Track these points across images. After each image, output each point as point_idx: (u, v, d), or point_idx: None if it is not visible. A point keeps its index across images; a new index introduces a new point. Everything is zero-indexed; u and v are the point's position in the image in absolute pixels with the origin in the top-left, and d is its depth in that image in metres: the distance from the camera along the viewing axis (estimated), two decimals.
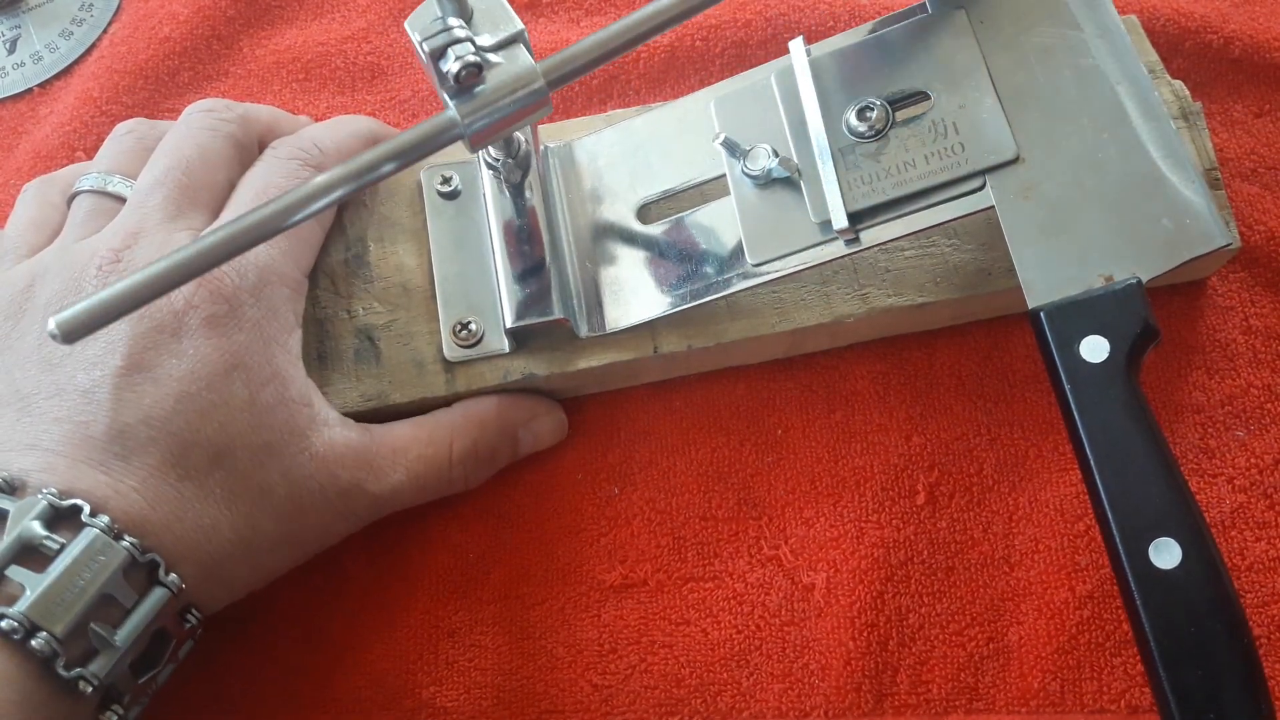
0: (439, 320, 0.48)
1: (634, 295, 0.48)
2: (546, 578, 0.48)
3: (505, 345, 0.47)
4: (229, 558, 0.42)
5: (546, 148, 0.50)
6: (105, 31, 0.61)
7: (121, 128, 0.50)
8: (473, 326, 0.47)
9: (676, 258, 0.48)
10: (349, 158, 0.47)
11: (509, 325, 0.47)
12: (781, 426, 0.49)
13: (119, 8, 0.62)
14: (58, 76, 0.60)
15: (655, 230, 0.49)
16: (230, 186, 0.47)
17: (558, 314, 0.46)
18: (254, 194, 0.46)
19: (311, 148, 0.48)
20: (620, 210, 0.49)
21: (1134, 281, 0.40)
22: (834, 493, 0.48)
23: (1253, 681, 0.36)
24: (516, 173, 0.48)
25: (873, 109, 0.45)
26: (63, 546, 0.38)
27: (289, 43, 0.59)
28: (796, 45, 0.47)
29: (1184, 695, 0.36)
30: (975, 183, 0.43)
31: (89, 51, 0.61)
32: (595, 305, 0.48)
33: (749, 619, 0.46)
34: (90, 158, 0.56)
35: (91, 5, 0.61)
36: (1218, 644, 0.36)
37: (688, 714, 0.45)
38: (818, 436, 0.49)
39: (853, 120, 0.45)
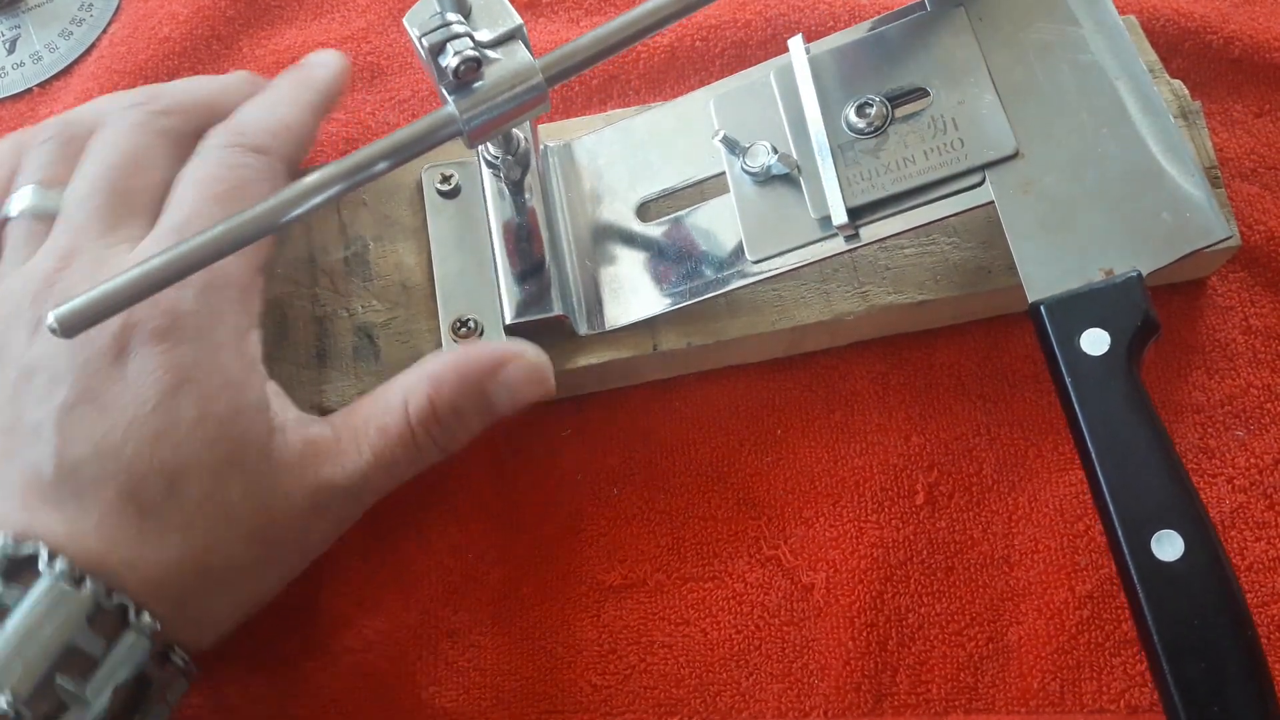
0: (438, 318, 0.48)
1: (633, 293, 0.48)
2: (546, 578, 0.48)
3: None
4: (202, 590, 0.40)
5: (546, 147, 0.51)
6: (105, 31, 0.61)
7: (39, 133, 0.46)
8: (472, 324, 0.47)
9: (676, 255, 0.48)
10: (295, 131, 0.45)
11: (508, 322, 0.47)
12: (781, 426, 0.49)
13: (119, 8, 0.62)
14: (57, 76, 0.60)
15: (655, 228, 0.49)
16: (167, 185, 0.44)
17: (557, 311, 0.46)
18: (193, 187, 0.43)
19: (250, 129, 0.45)
20: (620, 209, 0.49)
21: (1134, 274, 0.40)
22: (833, 493, 0.48)
23: (1257, 673, 0.35)
24: (516, 170, 0.48)
25: (872, 105, 0.45)
26: (19, 599, 0.36)
27: (289, 43, 0.59)
28: (796, 43, 0.47)
29: (1188, 688, 0.36)
30: (975, 178, 0.43)
31: (89, 51, 0.61)
32: (595, 303, 0.48)
33: (748, 619, 0.46)
34: None
35: (91, 5, 0.61)
36: (1221, 636, 0.36)
37: (687, 714, 0.45)
38: (817, 436, 0.49)
39: (852, 117, 0.45)
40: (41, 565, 0.36)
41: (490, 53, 0.39)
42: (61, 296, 0.39)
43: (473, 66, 0.39)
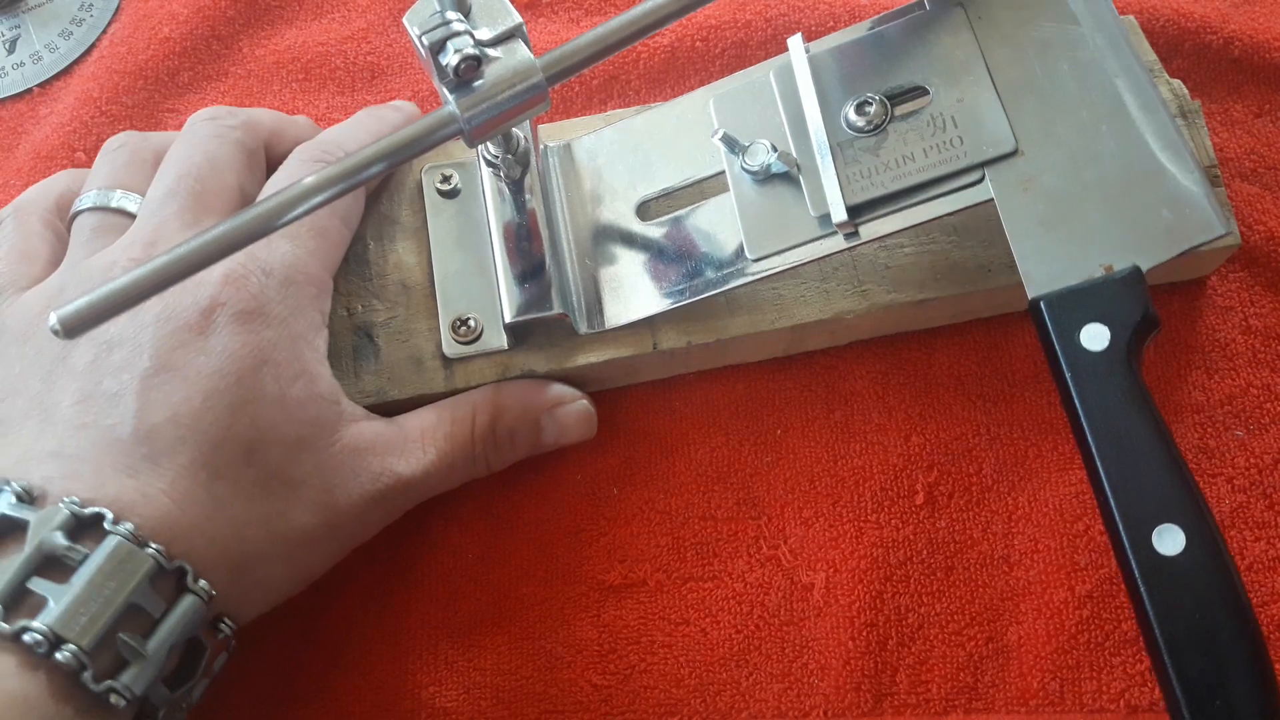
0: (438, 317, 0.48)
1: (633, 292, 0.48)
2: (546, 578, 0.48)
3: (504, 342, 0.47)
4: (263, 557, 0.42)
5: (546, 147, 0.51)
6: (105, 31, 0.61)
7: (112, 142, 0.50)
8: (472, 323, 0.47)
9: (676, 255, 0.48)
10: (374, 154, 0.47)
11: (508, 321, 0.47)
12: (781, 426, 0.49)
13: (119, 8, 0.62)
14: (58, 76, 0.61)
15: (655, 228, 0.49)
16: (241, 191, 0.47)
17: (557, 309, 0.46)
18: None
19: (336, 150, 0.48)
20: (620, 208, 0.49)
21: (1134, 270, 0.40)
22: (833, 492, 0.48)
23: (1259, 668, 0.35)
24: (516, 170, 0.48)
25: (871, 104, 0.45)
26: (85, 556, 0.37)
27: (289, 43, 0.60)
28: (795, 42, 0.47)
29: (1190, 683, 0.36)
30: (974, 175, 0.43)
31: (89, 51, 0.61)
32: (595, 302, 0.48)
33: (748, 619, 0.46)
34: (90, 158, 0.56)
35: (91, 5, 0.62)
36: (1223, 630, 0.36)
37: (687, 714, 0.45)
38: (817, 436, 0.49)
39: (851, 115, 0.45)
40: (108, 525, 0.38)
41: (490, 51, 0.39)
42: None
43: (473, 65, 0.39)
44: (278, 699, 0.46)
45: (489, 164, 0.48)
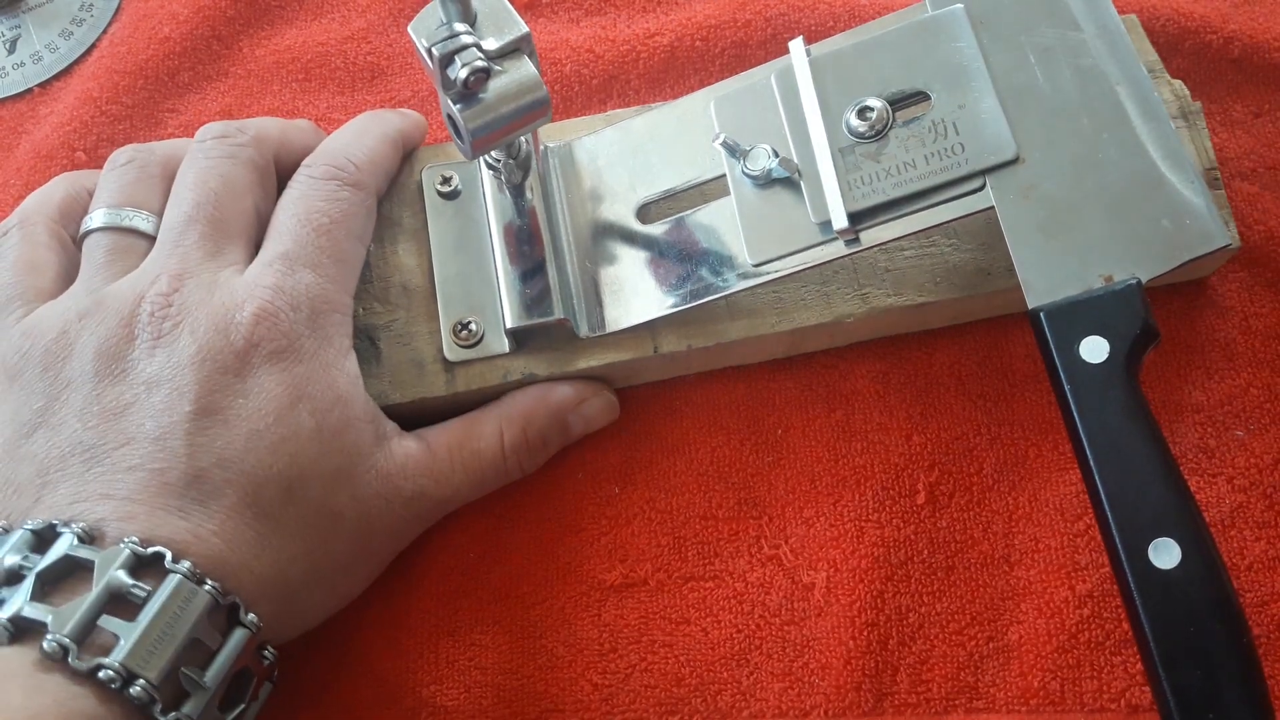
0: (439, 320, 0.48)
1: (634, 295, 0.48)
2: (547, 577, 0.48)
3: (505, 345, 0.47)
4: (305, 587, 0.43)
5: (546, 148, 0.51)
6: (105, 31, 0.61)
7: (118, 156, 0.49)
8: (473, 326, 0.47)
9: (676, 258, 0.48)
10: (381, 165, 0.49)
11: (509, 325, 0.47)
12: (781, 426, 0.49)
13: (119, 8, 0.61)
14: (58, 76, 0.60)
15: (655, 230, 0.49)
16: (256, 212, 0.47)
17: (558, 314, 0.46)
18: (296, 219, 0.46)
19: (346, 164, 0.48)
20: (620, 210, 0.49)
21: (1134, 282, 0.40)
22: (834, 492, 0.48)
23: (1252, 681, 0.36)
24: (517, 173, 0.48)
25: (873, 109, 0.45)
26: (149, 594, 0.38)
27: (289, 43, 0.59)
28: (796, 45, 0.47)
29: (1183, 695, 0.36)
30: (975, 183, 0.43)
31: (89, 51, 0.61)
32: (595, 305, 0.48)
33: (749, 618, 0.46)
34: (91, 158, 0.56)
35: (91, 5, 0.61)
36: (1217, 644, 0.36)
37: (688, 713, 0.45)
38: (818, 436, 0.49)
39: (853, 120, 0.45)
40: (168, 564, 0.39)
41: (496, 65, 0.39)
42: (180, 315, 0.43)
43: (481, 77, 0.39)
44: (280, 699, 0.46)
45: (490, 167, 0.48)
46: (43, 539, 0.40)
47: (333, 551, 0.44)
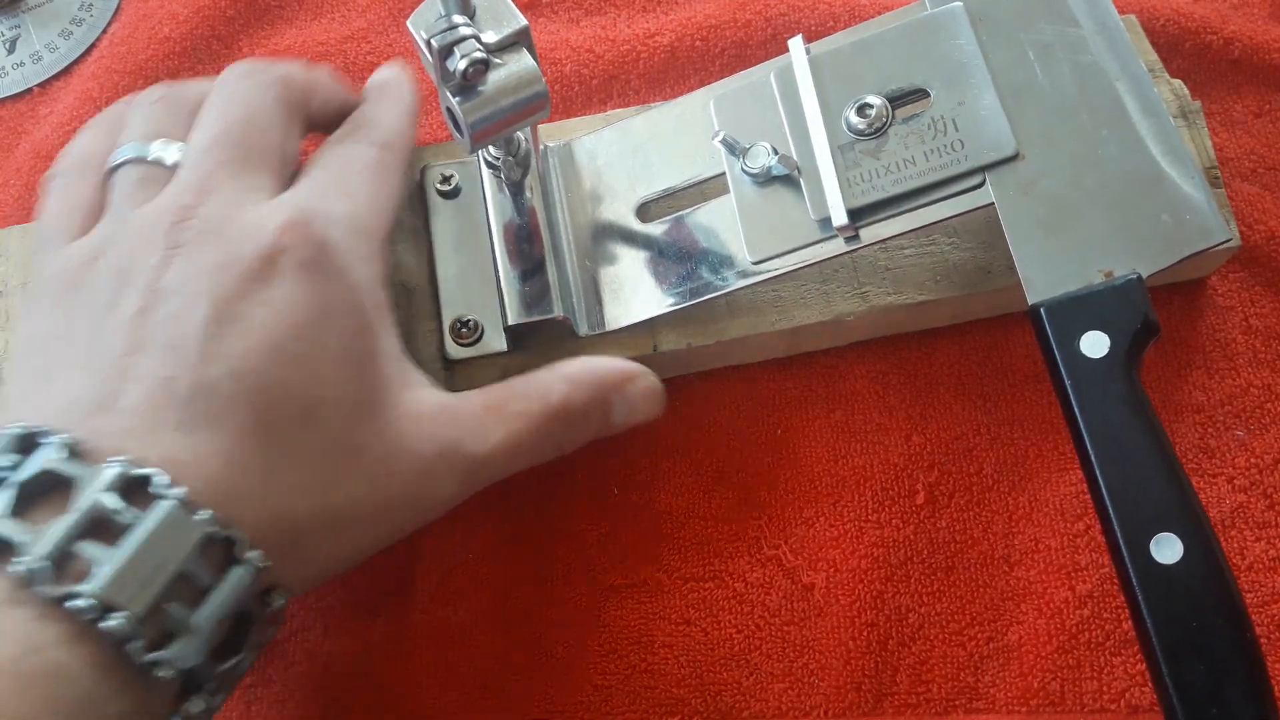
0: (439, 319, 0.48)
1: (634, 294, 0.48)
2: (547, 578, 0.48)
3: (505, 344, 0.47)
4: (316, 528, 0.39)
5: (546, 147, 0.51)
6: (105, 31, 0.61)
7: (149, 93, 0.47)
8: (472, 325, 0.47)
9: (676, 256, 0.48)
10: (408, 135, 0.48)
11: (510, 324, 0.47)
12: (781, 426, 0.49)
13: (118, 8, 0.62)
14: (57, 76, 0.60)
15: (655, 229, 0.49)
16: (283, 149, 0.45)
17: (557, 312, 0.46)
18: (331, 176, 0.44)
19: (380, 128, 0.47)
20: (620, 209, 0.49)
21: (1134, 277, 0.40)
22: (834, 492, 0.48)
23: (1255, 677, 0.35)
24: (517, 171, 0.48)
25: (872, 106, 0.45)
26: (136, 519, 0.34)
27: (289, 43, 0.60)
28: (796, 43, 0.47)
29: (1186, 691, 0.36)
30: (975, 179, 0.43)
31: (89, 51, 0.61)
32: (595, 304, 0.48)
33: (749, 619, 0.46)
34: None
35: (91, 5, 0.62)
36: (1220, 639, 0.36)
37: (688, 714, 0.45)
38: (818, 436, 0.49)
39: (852, 118, 0.45)
40: (160, 488, 0.35)
41: (495, 58, 0.39)
42: (203, 226, 0.40)
43: (480, 69, 0.39)
44: (277, 702, 0.46)
45: (489, 165, 0.48)
46: (27, 445, 0.36)
47: (349, 492, 0.40)
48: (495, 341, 0.47)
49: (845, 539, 0.47)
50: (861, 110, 0.45)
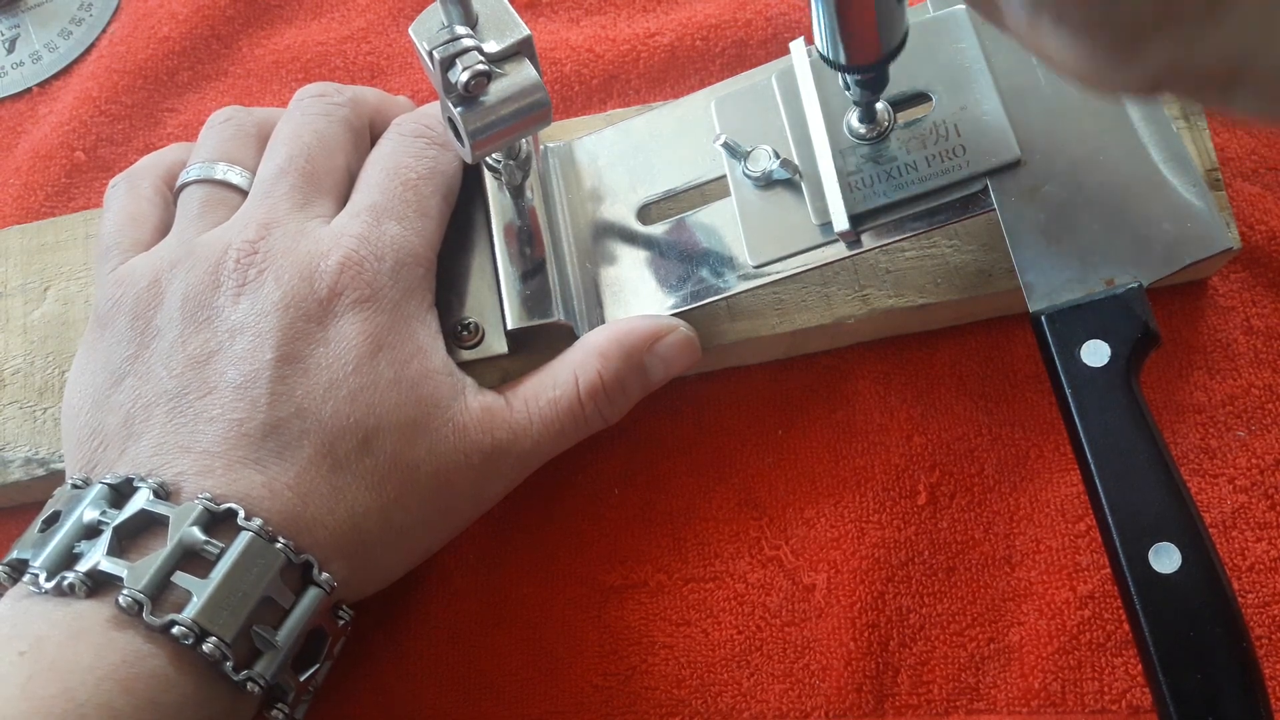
0: (440, 321, 0.48)
1: (634, 296, 0.48)
2: (547, 578, 0.48)
3: (505, 346, 0.47)
4: (379, 544, 0.43)
5: (546, 148, 0.50)
6: (104, 31, 0.61)
7: (219, 115, 0.50)
8: (473, 327, 0.47)
9: (677, 258, 0.48)
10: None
11: (509, 327, 0.47)
12: (782, 426, 0.49)
13: (118, 7, 0.61)
14: (57, 76, 0.60)
15: (656, 231, 0.49)
16: (348, 171, 0.48)
17: (558, 316, 0.46)
18: (385, 173, 0.47)
19: (436, 124, 0.48)
20: (620, 210, 0.49)
21: (1135, 286, 0.40)
22: (835, 493, 0.48)
23: (1251, 686, 0.36)
24: (517, 174, 0.48)
25: (874, 110, 0.44)
26: (221, 551, 0.39)
27: (288, 43, 0.59)
28: (797, 46, 0.46)
29: (1183, 699, 0.36)
30: (976, 185, 0.43)
31: (88, 51, 0.61)
32: (595, 306, 0.48)
33: (750, 619, 0.46)
34: (89, 158, 0.57)
35: (91, 5, 0.61)
36: (1217, 649, 0.36)
37: (688, 714, 0.45)
38: (818, 436, 0.49)
39: (854, 121, 0.45)
40: (240, 520, 0.39)
41: (496, 68, 0.39)
42: (265, 263, 0.44)
43: (482, 81, 0.39)
44: None
45: (490, 168, 0.48)
46: (120, 493, 0.40)
47: (408, 506, 0.43)
48: (496, 343, 0.47)
49: (846, 540, 0.47)
50: (864, 114, 0.45)
